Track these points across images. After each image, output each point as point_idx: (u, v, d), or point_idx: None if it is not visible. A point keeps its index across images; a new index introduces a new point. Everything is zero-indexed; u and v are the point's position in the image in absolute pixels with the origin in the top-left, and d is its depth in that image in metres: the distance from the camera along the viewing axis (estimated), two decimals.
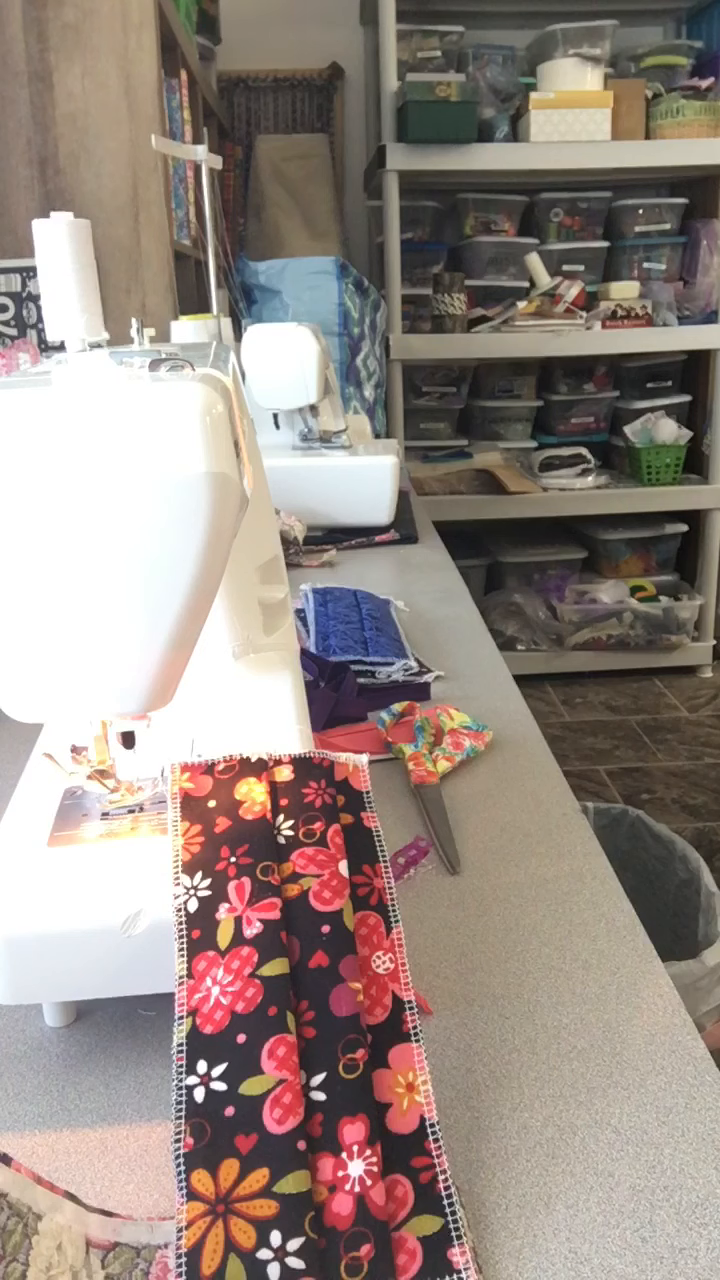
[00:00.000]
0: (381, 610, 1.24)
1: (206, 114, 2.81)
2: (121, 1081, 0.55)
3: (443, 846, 0.75)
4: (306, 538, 1.61)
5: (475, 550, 3.31)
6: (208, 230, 0.81)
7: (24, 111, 1.94)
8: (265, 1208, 0.42)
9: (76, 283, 0.61)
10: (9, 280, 1.98)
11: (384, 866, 0.56)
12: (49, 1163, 0.50)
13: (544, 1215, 0.46)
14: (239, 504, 0.55)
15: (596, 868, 0.73)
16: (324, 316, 2.45)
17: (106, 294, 1.98)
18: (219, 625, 0.72)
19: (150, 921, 0.53)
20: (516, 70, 2.98)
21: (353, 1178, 0.43)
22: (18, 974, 0.54)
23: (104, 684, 0.55)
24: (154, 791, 0.63)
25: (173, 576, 0.52)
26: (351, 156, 3.47)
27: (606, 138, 2.85)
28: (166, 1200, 0.47)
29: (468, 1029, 0.57)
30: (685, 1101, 0.52)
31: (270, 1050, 0.46)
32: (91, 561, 0.50)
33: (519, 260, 3.14)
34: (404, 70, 2.86)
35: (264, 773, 0.58)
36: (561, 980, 0.61)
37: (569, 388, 3.29)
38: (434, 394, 3.26)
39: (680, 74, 2.99)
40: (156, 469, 0.49)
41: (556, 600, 3.24)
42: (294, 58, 3.35)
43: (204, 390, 0.50)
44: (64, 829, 0.60)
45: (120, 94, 1.95)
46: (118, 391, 0.50)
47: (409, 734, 0.90)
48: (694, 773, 2.68)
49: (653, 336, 3.06)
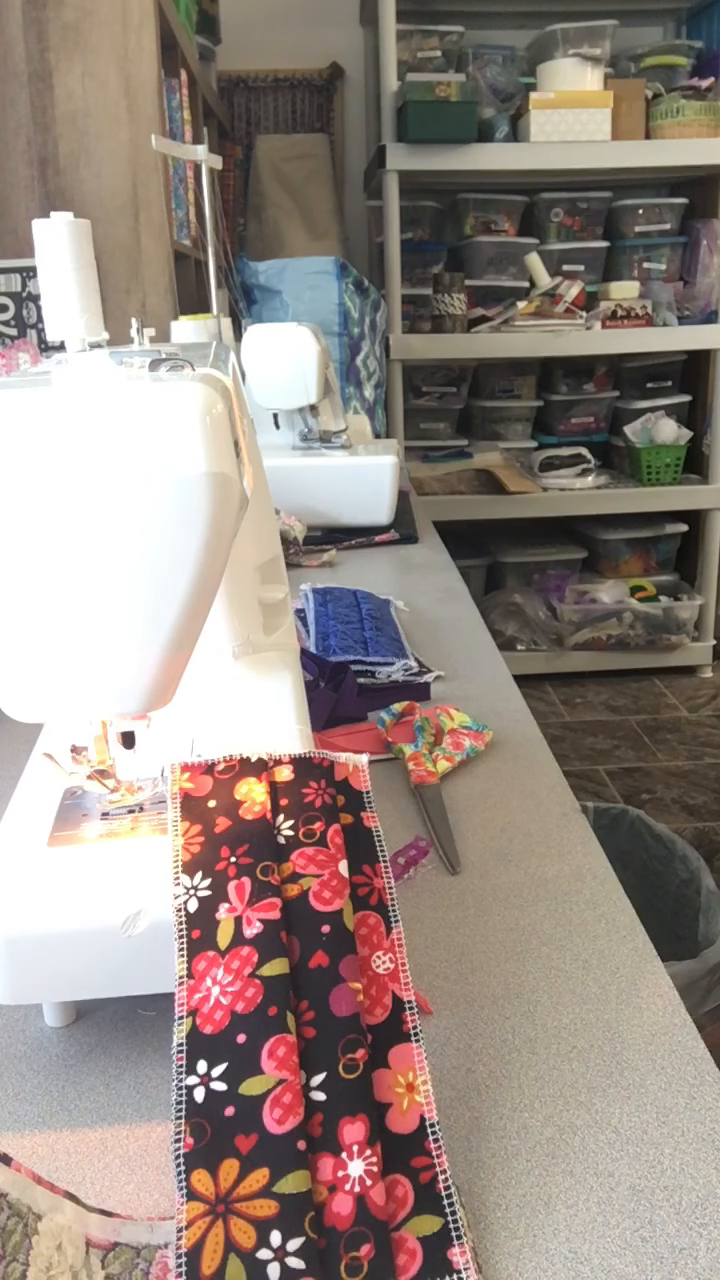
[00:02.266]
0: (381, 610, 1.24)
1: (206, 114, 2.81)
2: (121, 1081, 0.55)
3: (443, 846, 0.75)
4: (306, 538, 1.61)
5: (475, 550, 3.31)
6: (208, 230, 0.81)
7: (24, 111, 1.94)
8: (265, 1208, 0.42)
9: (76, 283, 0.61)
10: (9, 280, 1.98)
11: (384, 866, 0.56)
12: (49, 1163, 0.50)
13: (544, 1215, 0.46)
14: (239, 504, 0.55)
15: (596, 868, 0.73)
16: (324, 316, 2.44)
17: (106, 294, 1.98)
18: (219, 625, 0.72)
19: (150, 921, 0.53)
20: (516, 70, 2.98)
21: (353, 1178, 0.43)
22: (18, 974, 0.54)
23: (104, 684, 0.55)
24: (154, 791, 0.63)
25: (173, 576, 0.52)
26: (351, 156, 3.47)
27: (606, 138, 2.84)
28: (166, 1200, 0.47)
29: (468, 1029, 0.57)
30: (685, 1101, 0.52)
31: (270, 1050, 0.46)
32: (92, 561, 0.50)
33: (519, 260, 3.13)
34: (404, 70, 2.86)
35: (264, 773, 0.58)
36: (561, 980, 0.61)
37: (569, 388, 3.29)
38: (434, 394, 3.26)
39: (680, 74, 2.99)
40: (156, 469, 0.49)
41: (556, 600, 3.24)
42: (294, 58, 3.35)
43: (204, 390, 0.50)
44: (64, 829, 0.60)
45: (120, 94, 1.95)
46: (118, 391, 0.50)
47: (409, 734, 0.90)
48: (694, 773, 2.68)
49: (653, 336, 3.06)
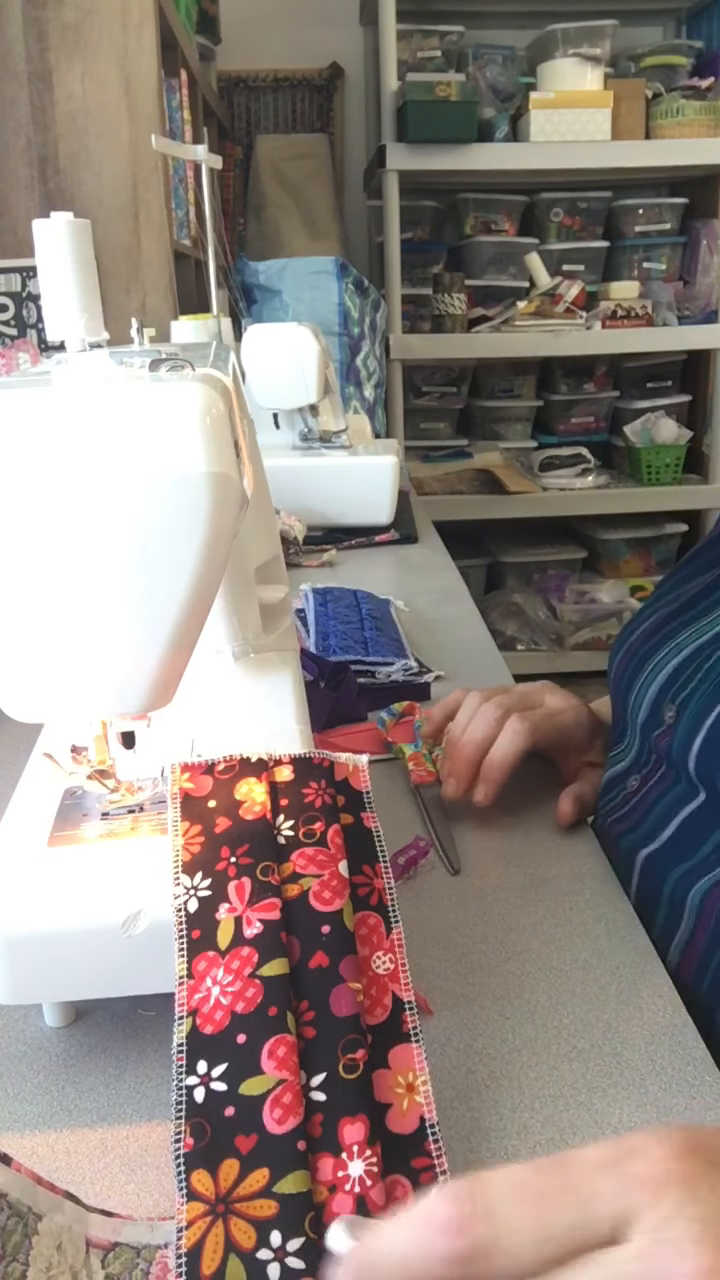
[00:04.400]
0: (381, 610, 1.24)
1: (206, 114, 2.81)
2: (121, 1081, 0.55)
3: (443, 846, 0.75)
4: (306, 538, 1.61)
5: (475, 550, 3.31)
6: (208, 230, 0.81)
7: (24, 111, 1.94)
8: (265, 1208, 0.42)
9: (76, 283, 0.61)
10: (9, 280, 1.98)
11: (384, 866, 0.56)
12: (49, 1163, 0.50)
13: None
14: (239, 504, 0.55)
15: (596, 868, 0.73)
16: (324, 316, 2.44)
17: (106, 294, 1.98)
18: (219, 625, 0.72)
19: (150, 921, 0.53)
20: (516, 70, 2.98)
21: (353, 1178, 0.43)
22: (18, 974, 0.54)
23: (104, 684, 0.55)
24: (154, 791, 0.63)
25: (172, 577, 0.52)
26: (351, 156, 3.47)
27: (606, 138, 2.84)
28: (166, 1200, 0.47)
29: (468, 1029, 0.57)
30: (685, 1101, 0.52)
31: (270, 1050, 0.46)
32: (91, 561, 0.50)
33: (519, 260, 3.13)
34: (404, 70, 2.86)
35: (264, 773, 0.58)
36: (561, 980, 0.61)
37: (569, 388, 3.29)
38: (434, 394, 3.26)
39: (680, 74, 2.98)
40: (156, 469, 0.49)
41: (556, 600, 3.23)
42: (294, 58, 3.35)
43: (204, 390, 0.50)
44: (64, 829, 0.60)
45: (120, 94, 1.95)
46: (118, 391, 0.50)
47: (409, 734, 0.90)
48: None
49: (653, 336, 3.06)
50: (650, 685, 0.75)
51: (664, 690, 0.73)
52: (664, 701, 0.72)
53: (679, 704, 0.70)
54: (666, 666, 0.74)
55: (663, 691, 0.73)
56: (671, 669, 0.73)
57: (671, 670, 0.73)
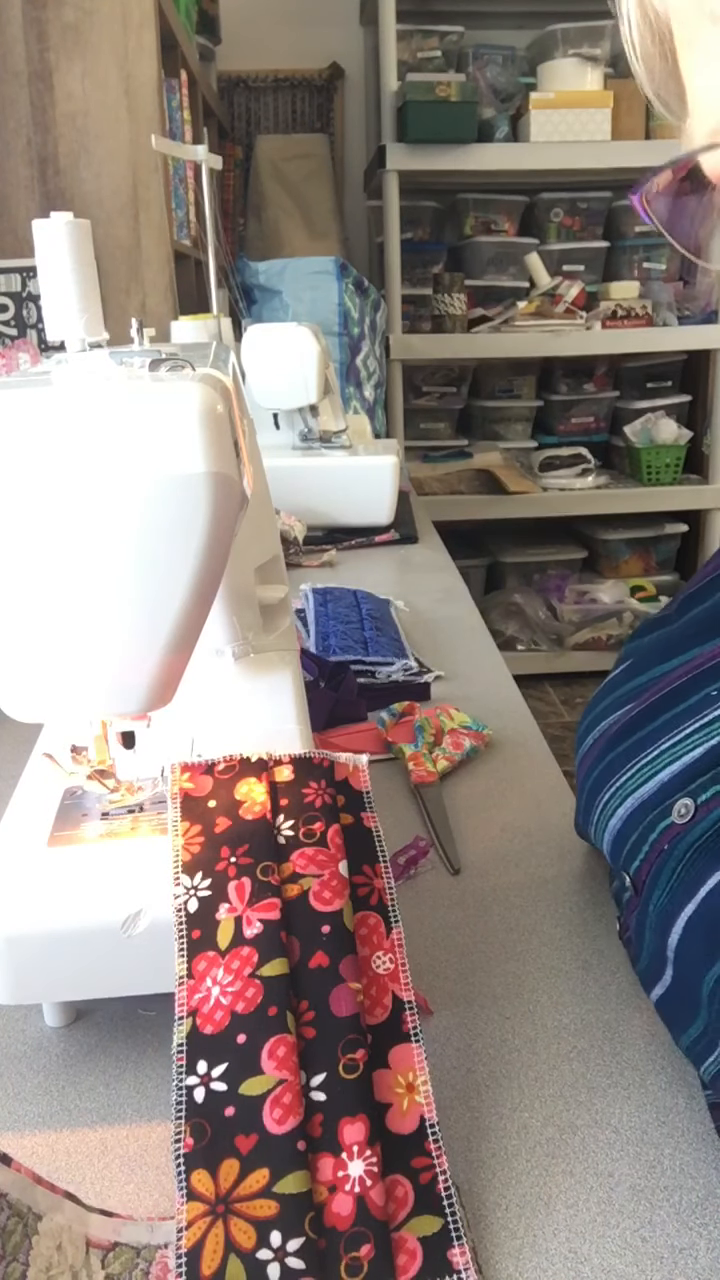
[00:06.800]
0: (381, 610, 1.24)
1: (206, 114, 2.81)
2: (121, 1081, 0.55)
3: (443, 846, 0.75)
4: (306, 538, 1.61)
5: (475, 550, 3.31)
6: (208, 230, 0.81)
7: (24, 111, 1.94)
8: (265, 1208, 0.42)
9: (76, 283, 0.61)
10: (9, 280, 1.98)
11: (384, 866, 0.56)
12: (49, 1163, 0.50)
13: (544, 1215, 0.46)
14: (239, 504, 0.55)
15: (596, 868, 0.73)
16: (324, 316, 2.44)
17: (106, 294, 1.98)
18: (219, 625, 0.72)
19: (150, 921, 0.53)
20: (516, 70, 2.98)
21: (353, 1178, 0.43)
22: (18, 974, 0.54)
23: (104, 684, 0.55)
24: (154, 791, 0.63)
25: (172, 577, 0.52)
26: (351, 156, 3.47)
27: (606, 138, 2.84)
28: (166, 1200, 0.47)
29: (468, 1029, 0.57)
30: (685, 1101, 0.52)
31: (270, 1050, 0.46)
32: (91, 561, 0.50)
33: (519, 260, 3.13)
34: (404, 70, 2.86)
35: (264, 773, 0.58)
36: (561, 980, 0.61)
37: (569, 388, 3.29)
38: (434, 394, 3.25)
39: None
40: (156, 469, 0.49)
41: (556, 600, 3.24)
42: (294, 58, 3.35)
43: (204, 390, 0.50)
44: (64, 829, 0.60)
45: (120, 94, 1.95)
46: (117, 391, 0.50)
47: (409, 734, 0.90)
48: None
49: (653, 336, 3.06)
50: (611, 819, 0.59)
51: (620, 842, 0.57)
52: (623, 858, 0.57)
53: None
54: (627, 802, 0.57)
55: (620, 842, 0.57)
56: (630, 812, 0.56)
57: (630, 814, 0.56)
